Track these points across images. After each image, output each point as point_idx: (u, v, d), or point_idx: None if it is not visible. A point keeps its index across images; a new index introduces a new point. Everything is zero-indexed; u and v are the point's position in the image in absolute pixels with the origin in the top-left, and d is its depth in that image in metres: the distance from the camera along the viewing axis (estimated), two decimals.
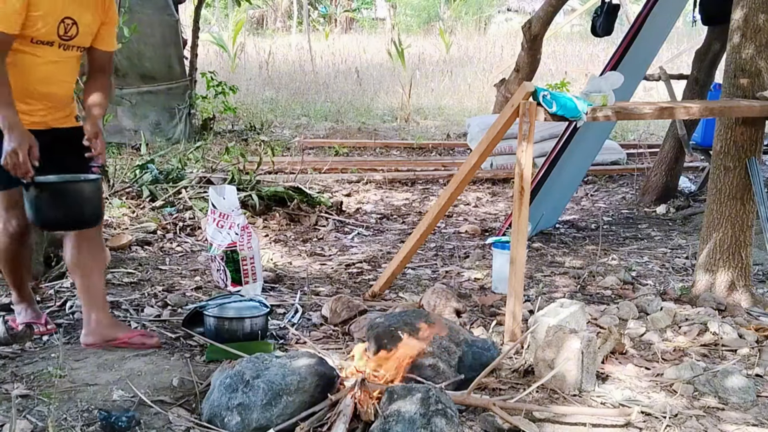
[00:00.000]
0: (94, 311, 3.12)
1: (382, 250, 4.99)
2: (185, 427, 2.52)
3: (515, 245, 3.27)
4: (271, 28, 24.61)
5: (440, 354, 2.84)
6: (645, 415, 2.68)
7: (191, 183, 5.81)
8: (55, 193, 2.93)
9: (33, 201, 2.89)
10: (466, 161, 3.76)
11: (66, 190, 2.97)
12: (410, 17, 26.21)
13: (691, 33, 15.76)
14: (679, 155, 6.52)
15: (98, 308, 3.13)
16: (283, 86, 13.42)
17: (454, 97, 12.98)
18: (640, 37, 5.12)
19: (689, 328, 3.47)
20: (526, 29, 9.05)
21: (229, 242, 3.90)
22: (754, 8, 3.66)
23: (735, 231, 3.77)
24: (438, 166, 7.99)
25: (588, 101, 3.33)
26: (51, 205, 2.90)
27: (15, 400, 2.55)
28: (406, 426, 2.28)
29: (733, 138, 3.75)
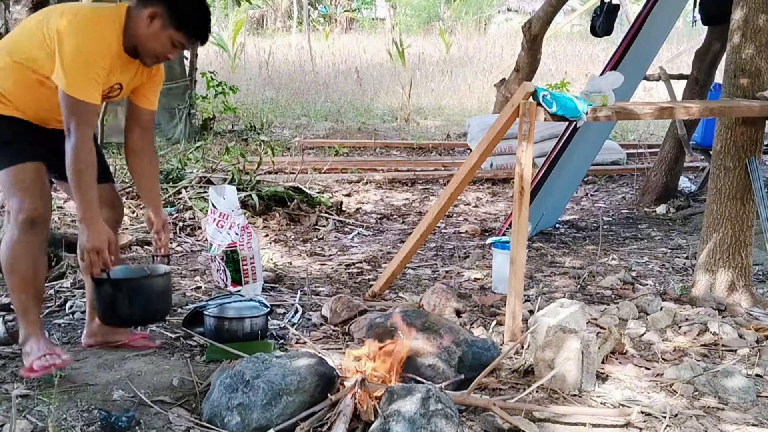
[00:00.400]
0: None
1: (382, 250, 4.99)
2: (185, 427, 2.52)
3: (515, 245, 3.27)
4: (271, 28, 24.61)
5: (440, 354, 2.84)
6: (645, 415, 2.68)
7: (191, 183, 5.81)
8: (131, 290, 2.83)
9: (107, 298, 2.80)
10: (466, 161, 3.76)
11: (142, 287, 2.88)
12: (410, 17, 26.21)
13: (691, 33, 15.77)
14: (679, 155, 6.52)
15: None
16: (283, 86, 13.42)
17: (454, 97, 12.98)
18: (640, 37, 5.12)
19: (689, 328, 3.47)
20: (526, 29, 9.06)
21: (229, 242, 3.89)
22: (754, 8, 3.66)
23: (735, 231, 3.77)
24: (438, 166, 7.99)
25: (588, 101, 3.33)
26: (126, 303, 2.80)
27: (15, 400, 2.55)
28: (406, 426, 2.28)
29: (733, 138, 3.75)
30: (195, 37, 2.83)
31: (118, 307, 2.81)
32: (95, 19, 2.71)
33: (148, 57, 2.81)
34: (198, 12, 2.80)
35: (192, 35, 2.81)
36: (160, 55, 2.81)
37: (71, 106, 2.62)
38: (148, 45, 2.76)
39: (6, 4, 3.98)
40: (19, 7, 3.82)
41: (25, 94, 2.74)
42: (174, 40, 2.76)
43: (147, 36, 2.74)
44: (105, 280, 2.77)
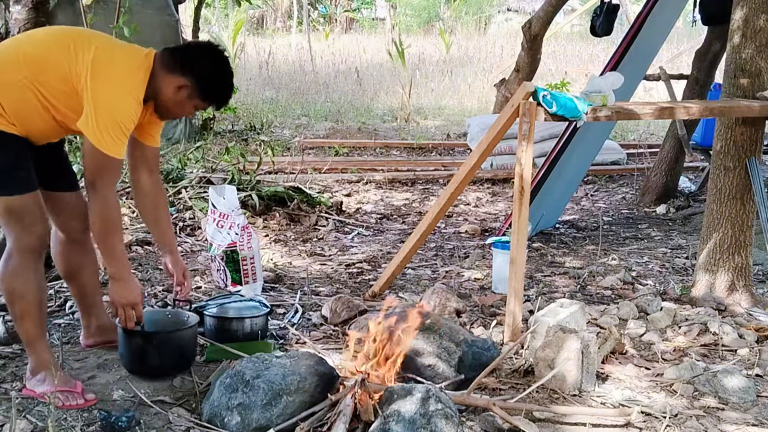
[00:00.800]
0: (93, 316, 3.10)
1: (382, 250, 4.99)
2: (185, 427, 2.52)
3: (515, 245, 3.27)
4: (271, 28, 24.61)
5: (440, 354, 2.84)
6: (645, 415, 2.68)
7: (191, 183, 5.80)
8: (162, 343, 2.85)
9: (137, 349, 2.81)
10: (466, 161, 3.76)
11: (171, 339, 2.89)
12: (410, 17, 26.20)
13: (691, 33, 15.76)
14: (679, 155, 6.52)
15: (98, 313, 3.11)
16: (283, 86, 13.42)
17: (454, 97, 12.98)
18: (640, 37, 5.12)
19: (689, 328, 3.47)
20: (526, 29, 9.06)
21: (229, 242, 3.89)
22: (754, 8, 3.66)
23: (735, 231, 3.77)
24: (438, 166, 7.99)
25: (588, 101, 3.33)
26: (157, 354, 2.81)
27: (15, 400, 2.55)
28: (406, 426, 2.28)
29: (733, 138, 3.75)
30: (219, 106, 2.85)
31: (148, 358, 2.82)
32: (132, 71, 2.63)
33: (166, 114, 2.82)
34: (225, 84, 2.78)
35: (217, 105, 2.83)
36: (179, 116, 2.86)
37: (101, 162, 2.56)
38: (171, 109, 2.77)
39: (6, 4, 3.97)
40: (19, 7, 3.82)
41: (27, 115, 2.60)
42: (198, 107, 2.80)
43: (172, 101, 2.73)
44: (137, 332, 2.78)
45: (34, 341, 2.70)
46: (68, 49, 2.58)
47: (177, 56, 2.72)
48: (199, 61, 2.73)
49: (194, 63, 2.72)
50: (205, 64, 2.73)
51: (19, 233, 2.61)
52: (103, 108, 2.53)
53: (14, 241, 2.63)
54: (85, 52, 2.57)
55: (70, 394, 2.62)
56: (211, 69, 2.74)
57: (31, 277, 2.64)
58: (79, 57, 2.56)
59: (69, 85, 2.56)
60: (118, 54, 2.66)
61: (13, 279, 2.64)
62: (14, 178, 2.60)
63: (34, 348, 2.70)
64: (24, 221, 2.61)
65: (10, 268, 2.63)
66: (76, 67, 2.55)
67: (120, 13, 6.45)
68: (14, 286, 2.64)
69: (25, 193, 2.60)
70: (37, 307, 2.67)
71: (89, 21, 6.30)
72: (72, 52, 2.57)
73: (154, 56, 2.70)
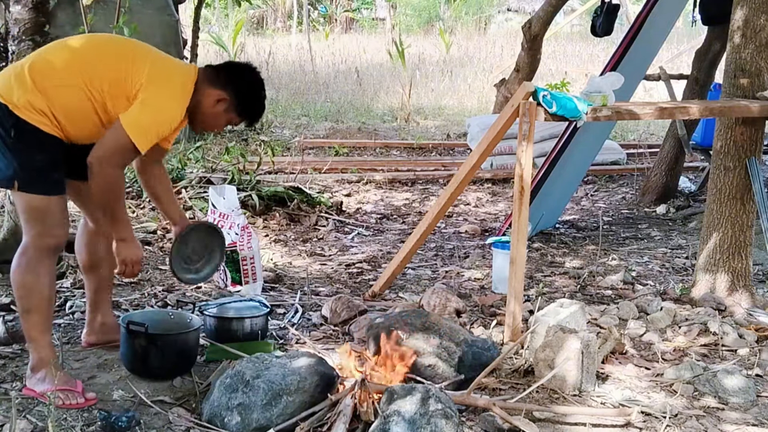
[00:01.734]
0: (100, 312, 3.12)
1: (382, 250, 4.99)
2: (185, 427, 2.52)
3: (515, 245, 3.27)
4: (271, 28, 24.60)
5: (440, 354, 2.84)
6: (645, 415, 2.69)
7: (191, 183, 5.80)
8: (166, 345, 2.87)
9: (140, 350, 2.83)
10: (466, 161, 3.76)
11: (176, 342, 2.91)
12: (410, 17, 26.19)
13: (691, 33, 15.76)
14: (679, 155, 6.52)
15: (105, 310, 3.13)
16: (283, 86, 13.41)
17: (454, 97, 12.97)
18: (640, 37, 5.12)
19: (689, 328, 3.47)
20: (526, 29, 9.05)
21: (229, 242, 3.89)
22: (754, 8, 3.66)
23: (735, 231, 3.77)
24: (438, 166, 7.99)
25: (588, 101, 3.33)
26: (160, 356, 2.83)
27: (15, 400, 2.55)
28: (406, 426, 2.28)
29: (733, 138, 3.75)
30: (250, 123, 2.99)
31: (150, 360, 2.82)
32: (183, 84, 2.78)
33: (199, 126, 2.94)
34: (260, 103, 2.94)
35: (250, 122, 2.96)
36: (212, 129, 2.99)
37: (123, 145, 2.65)
38: (207, 120, 2.89)
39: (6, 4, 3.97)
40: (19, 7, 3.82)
41: (78, 117, 2.70)
42: (232, 122, 2.93)
43: (209, 114, 2.85)
44: (141, 333, 2.80)
45: (38, 338, 2.72)
46: (127, 59, 2.73)
47: (220, 72, 2.87)
48: (240, 78, 2.90)
49: (236, 79, 2.88)
50: (245, 81, 2.90)
51: (39, 232, 2.68)
52: (149, 106, 2.67)
53: (32, 239, 2.69)
54: (144, 63, 2.72)
55: (71, 393, 2.64)
56: (250, 87, 2.90)
57: (43, 273, 2.70)
58: (137, 67, 2.70)
59: (122, 90, 2.68)
60: (173, 67, 2.84)
61: (25, 273, 2.69)
62: (48, 179, 2.69)
63: (38, 344, 2.72)
64: (46, 222, 2.69)
65: (24, 263, 2.69)
66: (132, 77, 2.69)
67: (120, 13, 6.43)
68: (26, 280, 2.69)
69: (54, 195, 2.69)
70: (45, 303, 2.71)
71: (89, 21, 6.29)
72: (131, 62, 2.72)
73: (198, 71, 2.86)
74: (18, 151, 2.63)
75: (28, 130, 2.62)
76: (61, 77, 2.66)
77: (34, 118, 2.62)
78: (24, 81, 2.64)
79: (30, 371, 2.73)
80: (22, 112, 2.60)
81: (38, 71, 2.66)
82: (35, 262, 2.68)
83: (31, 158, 2.65)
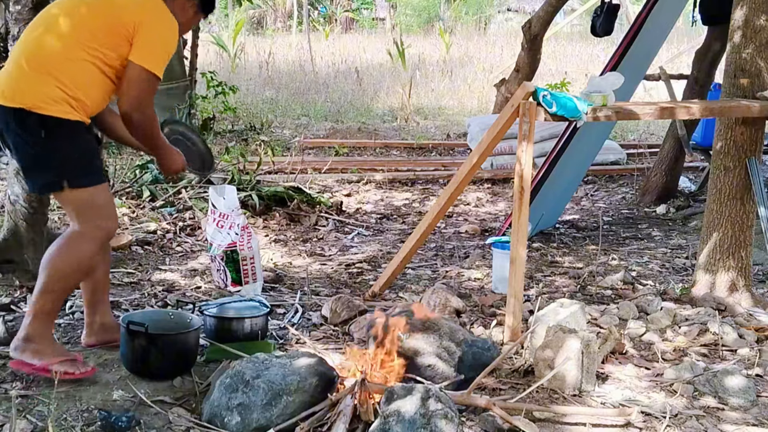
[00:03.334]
0: (98, 314, 3.10)
1: (382, 250, 4.99)
2: (185, 427, 2.52)
3: (515, 245, 3.27)
4: (271, 28, 24.59)
5: (440, 354, 2.84)
6: (645, 415, 2.68)
7: (191, 183, 5.80)
8: (166, 345, 2.85)
9: (140, 350, 2.82)
10: (466, 161, 3.76)
11: (177, 342, 2.89)
12: (410, 17, 26.19)
13: (691, 33, 15.75)
14: (679, 155, 6.52)
15: (103, 311, 3.12)
16: (283, 86, 13.41)
17: (454, 97, 12.97)
18: (640, 37, 5.12)
19: (689, 328, 3.47)
20: (526, 29, 9.05)
21: (229, 242, 3.89)
22: (754, 8, 3.66)
23: (735, 231, 3.77)
24: (438, 166, 7.99)
25: (588, 101, 3.33)
26: (160, 357, 2.82)
27: (15, 400, 2.55)
28: (406, 426, 2.28)
29: (733, 138, 3.74)
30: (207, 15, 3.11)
31: (150, 360, 2.81)
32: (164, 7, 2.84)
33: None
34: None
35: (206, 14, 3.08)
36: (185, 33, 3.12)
37: (149, 83, 2.73)
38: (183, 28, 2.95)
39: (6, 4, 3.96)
40: (19, 7, 3.81)
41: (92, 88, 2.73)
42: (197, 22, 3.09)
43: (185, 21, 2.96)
44: (141, 333, 2.78)
45: (50, 312, 2.75)
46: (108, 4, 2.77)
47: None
48: None
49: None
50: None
51: (95, 222, 2.72)
52: (157, 37, 2.75)
53: (87, 228, 2.71)
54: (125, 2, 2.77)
55: (75, 362, 2.68)
56: None
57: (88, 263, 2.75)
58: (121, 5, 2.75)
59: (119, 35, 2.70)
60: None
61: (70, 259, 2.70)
62: (92, 168, 2.76)
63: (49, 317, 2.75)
64: (102, 212, 2.75)
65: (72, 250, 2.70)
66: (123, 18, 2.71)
67: None
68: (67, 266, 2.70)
69: (102, 183, 2.78)
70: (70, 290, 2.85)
71: None
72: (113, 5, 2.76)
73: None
74: (55, 150, 2.64)
75: (56, 125, 2.62)
76: (60, 53, 2.66)
77: (56, 109, 2.61)
78: (27, 75, 2.62)
79: (21, 341, 2.71)
80: (43, 108, 2.59)
81: (34, 57, 2.65)
82: (85, 251, 2.71)
83: (70, 152, 2.66)
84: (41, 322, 2.73)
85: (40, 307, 2.73)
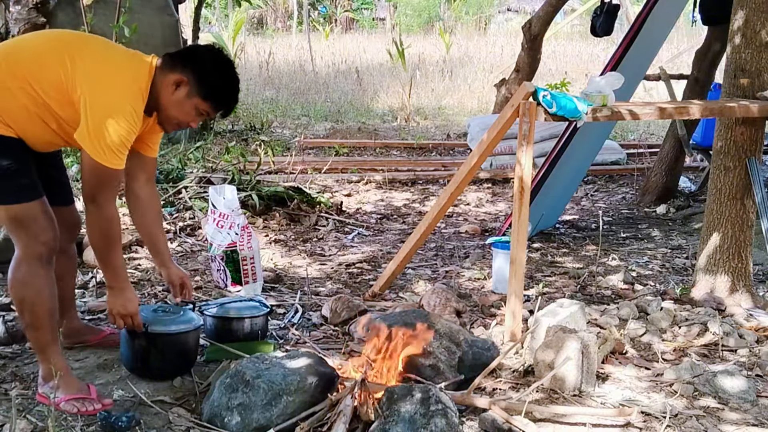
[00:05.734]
0: (65, 318, 3.02)
1: (382, 250, 4.99)
2: (185, 427, 2.52)
3: (515, 245, 3.27)
4: (271, 28, 24.61)
5: (440, 354, 2.84)
6: (645, 415, 2.68)
7: (191, 183, 5.80)
8: (167, 345, 2.79)
9: (140, 350, 2.77)
10: (466, 161, 3.76)
11: (177, 341, 2.82)
12: (410, 17, 26.22)
13: (691, 33, 15.76)
14: (679, 155, 6.52)
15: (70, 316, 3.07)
16: (283, 86, 13.43)
17: (454, 97, 12.98)
18: (640, 37, 5.12)
19: (689, 328, 3.47)
20: (526, 29, 9.06)
21: (229, 242, 3.89)
22: (755, 9, 3.66)
23: (735, 231, 3.77)
24: (438, 166, 7.99)
25: (588, 101, 3.33)
26: (160, 357, 2.77)
27: (15, 400, 2.55)
28: (406, 426, 2.28)
29: (733, 138, 3.75)
30: (221, 108, 2.66)
31: (150, 360, 2.78)
32: (132, 80, 2.51)
33: (169, 124, 2.67)
34: (227, 82, 2.62)
35: (219, 105, 2.64)
36: (183, 123, 2.65)
37: (101, 175, 2.45)
38: (171, 112, 2.61)
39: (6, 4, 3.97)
40: (18, 7, 3.82)
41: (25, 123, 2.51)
42: (199, 109, 2.61)
43: (170, 103, 2.58)
44: (141, 333, 2.75)
45: (46, 348, 2.61)
46: (63, 58, 2.47)
47: (177, 55, 2.62)
48: (198, 56, 2.61)
49: (194, 58, 2.60)
50: (205, 59, 2.60)
51: (26, 241, 2.53)
52: (101, 120, 2.42)
53: (22, 249, 2.55)
54: (82, 61, 2.47)
55: (86, 400, 2.59)
56: (211, 65, 2.59)
57: (41, 285, 2.55)
58: (76, 65, 2.46)
59: (65, 95, 2.46)
60: (116, 62, 2.55)
61: (23, 288, 2.55)
62: (17, 185, 2.51)
63: (46, 355, 2.61)
64: (31, 229, 2.52)
65: (20, 277, 2.55)
66: (73, 78, 2.44)
67: (120, 13, 6.45)
68: (24, 295, 2.56)
69: (30, 201, 2.52)
70: (48, 315, 2.58)
71: (89, 21, 6.30)
72: (68, 60, 2.46)
73: (155, 60, 2.61)
74: None
75: None
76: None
77: None
78: None
79: (41, 379, 2.65)
80: None
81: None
82: (30, 275, 2.54)
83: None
84: (46, 356, 2.61)
85: (35, 342, 2.64)
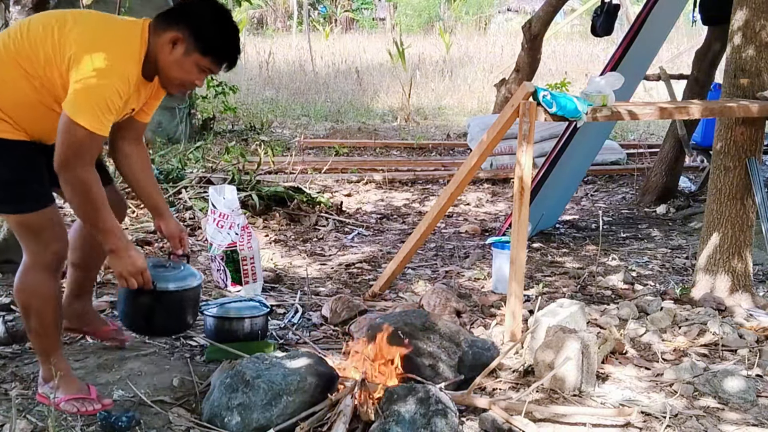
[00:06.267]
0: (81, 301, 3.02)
1: (382, 250, 4.99)
2: (185, 427, 2.52)
3: (515, 245, 3.27)
4: (271, 28, 24.61)
5: (440, 354, 2.84)
6: (645, 415, 2.68)
7: (191, 183, 5.81)
8: (171, 302, 2.72)
9: (143, 308, 2.68)
10: (466, 161, 3.76)
11: (182, 299, 2.75)
12: (410, 17, 26.21)
13: (691, 33, 15.76)
14: (679, 155, 6.52)
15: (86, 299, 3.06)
16: (283, 86, 13.43)
17: (454, 97, 12.98)
18: (640, 37, 5.12)
19: (689, 328, 3.47)
20: (526, 29, 9.06)
21: (229, 242, 3.89)
22: (755, 9, 3.66)
23: (735, 231, 3.77)
24: (438, 166, 7.99)
25: (588, 101, 3.33)
26: (164, 314, 2.71)
27: (15, 400, 2.55)
28: (406, 426, 2.28)
29: (733, 138, 3.75)
30: (223, 61, 2.54)
31: (157, 318, 2.72)
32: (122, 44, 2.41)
33: (171, 85, 2.57)
34: (225, 32, 2.51)
35: (220, 59, 2.52)
36: (186, 82, 2.55)
37: (80, 139, 2.31)
38: (172, 73, 2.51)
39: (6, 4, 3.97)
40: (18, 8, 3.82)
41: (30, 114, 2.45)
42: (200, 66, 2.50)
43: (169, 63, 2.48)
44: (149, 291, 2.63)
45: (49, 353, 2.59)
46: (52, 30, 2.38)
47: (169, 12, 2.51)
48: (192, 10, 2.50)
49: (187, 13, 2.49)
50: (200, 12, 2.48)
51: (36, 249, 2.49)
52: (86, 79, 2.31)
53: (31, 257, 2.51)
54: (74, 24, 2.39)
55: (86, 400, 2.58)
56: (207, 18, 2.47)
57: (48, 294, 2.52)
58: (63, 32, 2.37)
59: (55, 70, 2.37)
60: (109, 25, 2.48)
61: (30, 296, 2.53)
62: (26, 193, 2.47)
63: (48, 359, 2.58)
64: (41, 238, 2.48)
65: (27, 285, 2.52)
66: (61, 48, 2.35)
67: (120, 13, 6.45)
68: (31, 303, 2.53)
69: (40, 210, 2.47)
70: (53, 324, 2.56)
71: None
72: (56, 28, 2.38)
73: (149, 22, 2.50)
74: None
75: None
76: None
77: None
78: None
79: (42, 380, 2.63)
80: None
81: None
82: (38, 283, 2.51)
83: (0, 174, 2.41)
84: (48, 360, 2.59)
85: (39, 347, 2.63)
